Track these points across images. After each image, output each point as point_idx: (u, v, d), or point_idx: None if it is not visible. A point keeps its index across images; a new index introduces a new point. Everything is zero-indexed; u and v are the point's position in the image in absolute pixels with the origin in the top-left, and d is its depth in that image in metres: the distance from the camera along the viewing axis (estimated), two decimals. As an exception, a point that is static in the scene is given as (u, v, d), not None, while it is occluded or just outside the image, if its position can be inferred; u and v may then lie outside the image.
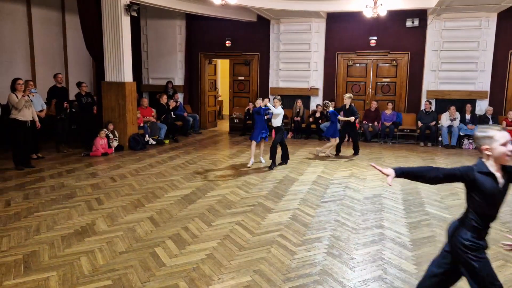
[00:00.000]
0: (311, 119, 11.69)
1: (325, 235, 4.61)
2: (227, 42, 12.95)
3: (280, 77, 12.32)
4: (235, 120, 12.82)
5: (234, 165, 8.17)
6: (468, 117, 10.65)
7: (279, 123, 7.94)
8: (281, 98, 8.33)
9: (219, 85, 15.98)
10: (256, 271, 3.75)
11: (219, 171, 7.66)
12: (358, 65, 12.09)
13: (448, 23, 10.76)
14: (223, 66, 15.77)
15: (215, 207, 5.54)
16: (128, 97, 9.29)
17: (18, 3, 10.26)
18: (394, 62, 11.71)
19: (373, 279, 3.64)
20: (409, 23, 11.21)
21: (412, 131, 11.17)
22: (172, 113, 11.21)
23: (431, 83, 11.20)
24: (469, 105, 10.68)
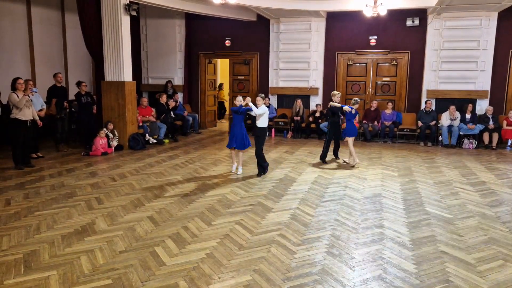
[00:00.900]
0: (311, 118, 11.68)
1: (325, 235, 4.61)
2: (227, 41, 12.95)
3: (279, 77, 12.31)
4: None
5: (234, 165, 8.17)
6: (468, 116, 10.64)
7: (264, 123, 7.18)
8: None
9: (223, 86, 15.91)
10: (256, 270, 3.75)
11: (219, 171, 7.66)
12: (358, 64, 12.08)
13: (448, 22, 10.76)
14: (223, 65, 15.76)
15: (215, 207, 5.54)
16: (127, 97, 9.30)
17: (18, 2, 10.26)
18: (394, 61, 11.70)
19: (373, 278, 3.65)
20: (409, 23, 11.20)
21: (412, 130, 11.16)
22: (171, 112, 11.20)
23: (431, 82, 11.19)
24: (470, 105, 10.66)
